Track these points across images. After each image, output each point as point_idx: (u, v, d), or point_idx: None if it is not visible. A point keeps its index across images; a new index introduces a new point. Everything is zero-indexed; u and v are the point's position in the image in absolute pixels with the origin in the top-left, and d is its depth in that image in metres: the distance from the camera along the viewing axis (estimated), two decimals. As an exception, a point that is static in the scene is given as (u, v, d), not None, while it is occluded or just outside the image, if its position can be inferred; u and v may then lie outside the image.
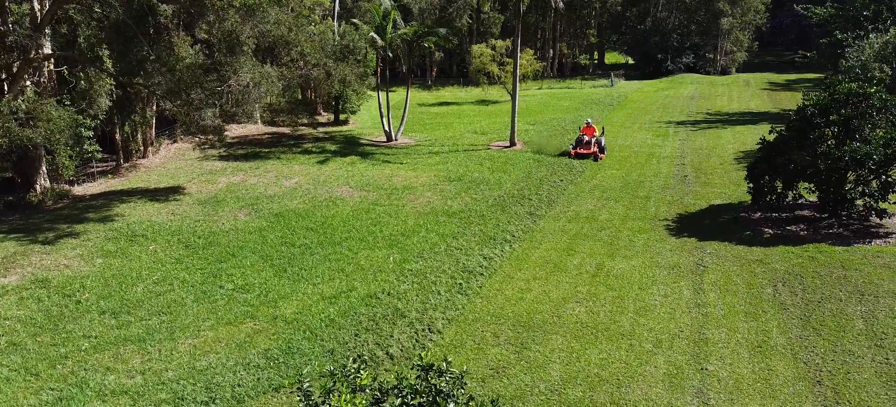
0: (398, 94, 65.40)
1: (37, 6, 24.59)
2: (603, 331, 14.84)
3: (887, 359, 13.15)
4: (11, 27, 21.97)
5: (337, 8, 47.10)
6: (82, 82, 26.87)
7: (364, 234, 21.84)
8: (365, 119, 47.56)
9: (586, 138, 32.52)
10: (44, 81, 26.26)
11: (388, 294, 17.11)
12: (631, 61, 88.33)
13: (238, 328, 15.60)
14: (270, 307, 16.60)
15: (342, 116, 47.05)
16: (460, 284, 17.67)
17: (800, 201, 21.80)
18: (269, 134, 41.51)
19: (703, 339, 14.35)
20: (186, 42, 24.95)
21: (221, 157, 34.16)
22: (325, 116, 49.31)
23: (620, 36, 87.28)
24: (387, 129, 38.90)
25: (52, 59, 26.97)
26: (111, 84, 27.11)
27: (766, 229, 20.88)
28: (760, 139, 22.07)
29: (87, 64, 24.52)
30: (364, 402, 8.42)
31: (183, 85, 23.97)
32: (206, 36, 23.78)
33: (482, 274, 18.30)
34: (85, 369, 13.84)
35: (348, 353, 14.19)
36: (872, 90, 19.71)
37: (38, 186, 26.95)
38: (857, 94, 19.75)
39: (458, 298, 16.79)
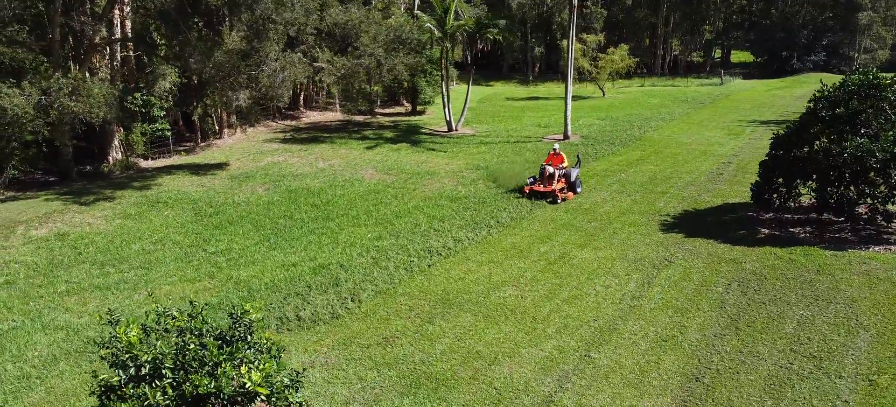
0: (493, 89, 65.93)
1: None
2: (518, 313, 14.71)
3: (790, 364, 12.07)
4: (73, 14, 25.05)
5: (417, 0, 48.37)
6: (155, 68, 29.87)
7: (359, 212, 22.75)
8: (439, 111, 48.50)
9: (550, 170, 24.03)
10: (116, 65, 29.52)
11: (340, 266, 17.89)
12: (759, 60, 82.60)
13: (193, 285, 17.05)
14: (233, 270, 17.94)
15: (419, 107, 48.34)
16: (413, 261, 18.06)
17: (815, 203, 19.99)
18: (341, 121, 43.62)
19: (612, 329, 13.84)
20: (227, 29, 27.08)
21: (284, 140, 36.50)
22: (406, 107, 50.82)
23: (744, 32, 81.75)
24: (448, 119, 39.60)
25: (129, 45, 30.30)
26: (174, 70, 29.93)
27: (763, 230, 19.42)
28: (773, 136, 20.48)
29: (142, 49, 27.32)
30: (137, 331, 9.33)
31: (223, 69, 26.15)
32: (243, 22, 25.67)
33: (440, 254, 18.57)
34: (49, 308, 15.81)
35: (268, 310, 15.14)
36: (887, 81, 17.70)
37: (110, 158, 30.42)
38: (869, 85, 17.83)
39: (400, 273, 17.22)
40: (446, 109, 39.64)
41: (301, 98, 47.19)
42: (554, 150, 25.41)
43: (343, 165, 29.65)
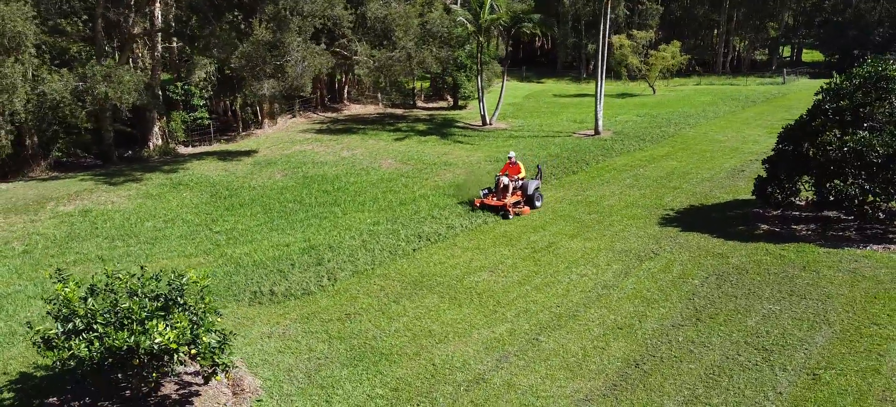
0: (543, 86, 65.47)
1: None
2: (484, 297, 14.83)
3: (738, 355, 11.76)
4: (110, 6, 26.62)
5: (460, -3, 48.63)
6: (192, 58, 31.34)
7: (366, 199, 23.27)
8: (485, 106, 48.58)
9: (505, 182, 21.54)
10: (157, 55, 31.12)
11: (329, 247, 18.43)
12: (830, 59, 78.64)
13: (188, 260, 17.94)
14: (229, 247, 18.77)
15: (461, 102, 48.62)
16: (401, 245, 18.41)
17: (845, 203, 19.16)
18: (380, 114, 44.40)
19: (572, 315, 13.80)
20: (256, 21, 28.08)
21: (319, 131, 37.52)
22: (448, 101, 51.19)
23: (814, 30, 78.01)
24: (482, 113, 39.76)
25: (171, 36, 31.88)
26: (211, 61, 31.29)
27: (763, 226, 18.81)
28: (782, 129, 19.78)
29: (183, 41, 28.73)
30: (74, 288, 10.07)
31: (251, 60, 27.24)
32: (267, 13, 26.65)
33: (429, 240, 18.84)
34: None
35: (246, 285, 15.81)
36: (893, 71, 16.82)
37: (151, 144, 32.10)
38: (878, 76, 17.00)
39: (384, 256, 17.60)
40: (481, 104, 39.80)
41: (345, 91, 48.27)
42: (510, 158, 22.46)
43: (365, 155, 30.30)
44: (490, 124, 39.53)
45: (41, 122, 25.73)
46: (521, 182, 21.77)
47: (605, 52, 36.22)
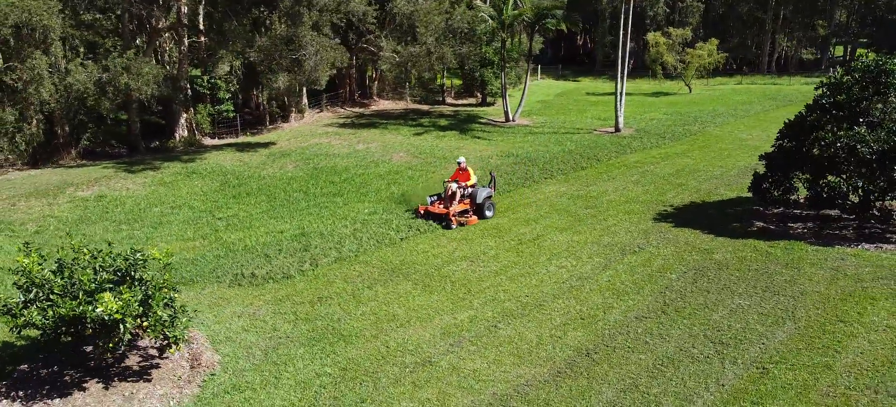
0: (579, 84, 64.86)
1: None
2: (457, 285, 14.95)
3: (692, 348, 11.62)
4: (131, 1, 27.70)
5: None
6: (215, 52, 32.32)
7: (369, 190, 23.65)
8: (512, 103, 48.50)
9: (453, 188, 20.04)
10: (184, 49, 32.20)
11: (320, 235, 18.84)
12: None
13: (185, 243, 18.62)
14: (225, 233, 19.37)
15: (490, 99, 48.65)
16: (390, 234, 18.67)
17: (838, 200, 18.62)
18: (406, 110, 44.81)
19: (538, 305, 13.81)
20: (276, 16, 28.82)
21: (342, 125, 38.14)
22: (477, 98, 51.26)
23: (867, 28, 75.06)
24: (506, 109, 39.77)
25: (199, 33, 32.94)
26: (232, 55, 32.19)
27: (758, 223, 18.40)
28: (784, 124, 19.29)
29: (209, 36, 29.67)
30: (35, 258, 10.67)
31: (269, 54, 27.99)
32: (282, 9, 27.29)
33: (419, 230, 19.02)
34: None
35: (231, 268, 16.33)
36: (893, 66, 16.23)
37: (177, 135, 33.23)
38: (878, 70, 16.44)
39: (370, 244, 17.89)
40: (504, 100, 39.82)
41: (374, 87, 48.87)
42: (459, 164, 20.92)
43: (379, 148, 30.71)
44: (513, 121, 39.49)
45: (68, 111, 26.95)
46: (470, 190, 20.23)
47: (627, 49, 35.80)
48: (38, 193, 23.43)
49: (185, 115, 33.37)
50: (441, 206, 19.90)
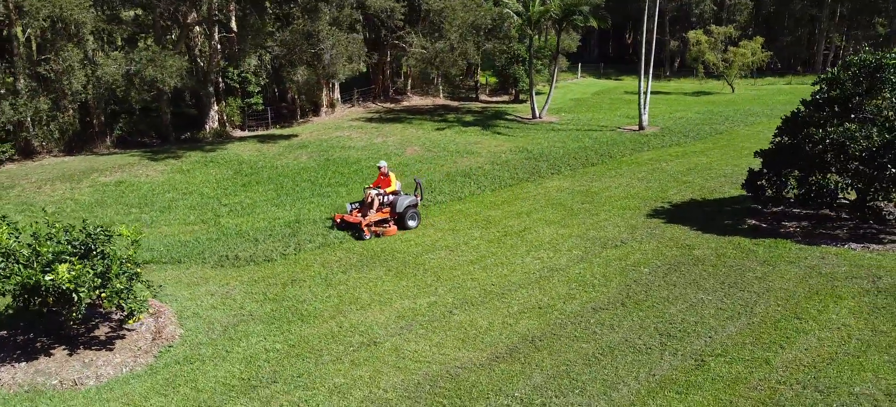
0: (620, 82, 63.93)
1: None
2: (428, 273, 15.19)
3: (637, 339, 11.54)
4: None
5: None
6: (243, 46, 33.38)
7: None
8: (541, 100, 48.29)
9: (372, 195, 18.44)
10: (215, 44, 33.38)
11: (313, 222, 19.36)
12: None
13: (185, 227, 19.45)
14: (226, 218, 20.13)
15: (522, 96, 48.55)
16: (379, 223, 19.05)
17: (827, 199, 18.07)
18: (436, 105, 45.16)
19: (501, 294, 13.93)
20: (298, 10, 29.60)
21: (368, 120, 38.73)
22: (511, 95, 51.18)
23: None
24: (532, 106, 39.67)
25: (229, 28, 34.09)
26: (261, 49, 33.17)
27: (751, 220, 18.00)
28: (783, 118, 18.78)
29: (238, 31, 30.73)
30: (7, 229, 11.45)
31: (291, 48, 28.82)
32: (300, 3, 28.02)
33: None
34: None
35: (218, 250, 17.00)
36: (889, 60, 15.62)
37: (207, 127, 34.46)
38: (872, 65, 15.87)
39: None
40: (531, 97, 39.74)
41: (408, 82, 49.39)
42: (380, 168, 19.37)
43: (396, 142, 31.14)
44: (539, 117, 39.34)
45: (101, 101, 28.33)
46: (391, 197, 18.60)
47: (652, 45, 35.28)
48: (64, 178, 24.76)
49: (215, 108, 34.56)
50: (359, 214, 18.38)
